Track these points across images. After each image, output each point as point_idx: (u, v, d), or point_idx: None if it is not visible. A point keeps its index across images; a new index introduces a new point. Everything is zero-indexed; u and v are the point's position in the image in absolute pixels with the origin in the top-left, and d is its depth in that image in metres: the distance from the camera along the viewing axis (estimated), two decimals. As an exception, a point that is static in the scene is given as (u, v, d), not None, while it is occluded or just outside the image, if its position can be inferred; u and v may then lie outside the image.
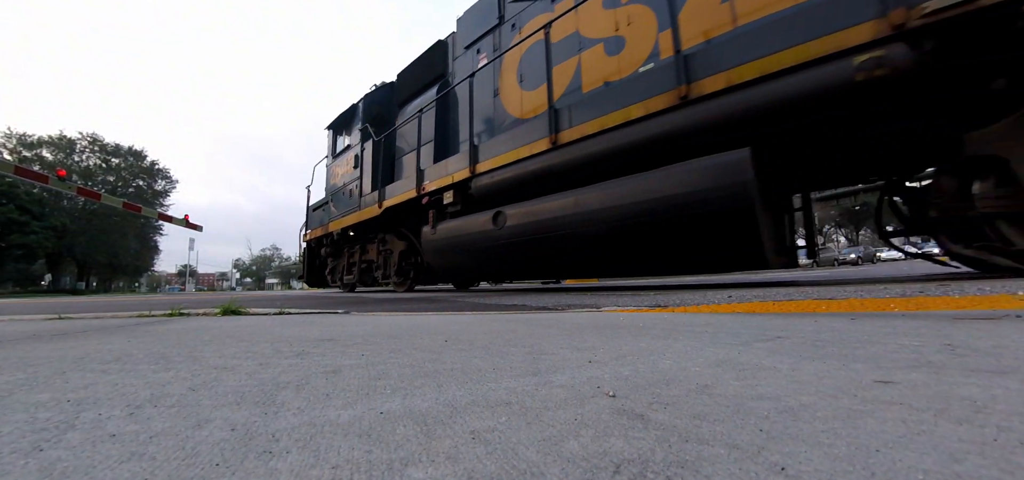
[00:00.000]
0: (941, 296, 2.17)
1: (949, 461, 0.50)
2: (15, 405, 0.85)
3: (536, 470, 0.52)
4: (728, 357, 1.11)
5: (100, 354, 1.42)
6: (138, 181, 46.21)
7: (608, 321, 1.99)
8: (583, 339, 1.48)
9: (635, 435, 0.62)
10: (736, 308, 2.38)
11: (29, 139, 39.31)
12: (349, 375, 1.05)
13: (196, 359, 1.30)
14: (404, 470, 0.53)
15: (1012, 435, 0.56)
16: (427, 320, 2.36)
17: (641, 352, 1.23)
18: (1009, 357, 0.97)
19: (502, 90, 5.42)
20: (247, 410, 0.78)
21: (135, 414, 0.77)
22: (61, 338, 1.87)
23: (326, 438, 0.64)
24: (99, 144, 43.26)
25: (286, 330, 2.00)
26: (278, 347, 1.50)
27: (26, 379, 1.07)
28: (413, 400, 0.83)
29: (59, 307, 5.42)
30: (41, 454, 0.60)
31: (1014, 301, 1.91)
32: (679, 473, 0.50)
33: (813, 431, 0.61)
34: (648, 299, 3.21)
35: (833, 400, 0.73)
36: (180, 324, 2.45)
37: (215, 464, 0.56)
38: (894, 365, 0.95)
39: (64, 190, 12.48)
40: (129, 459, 0.58)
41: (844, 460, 0.51)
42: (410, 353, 1.33)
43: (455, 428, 0.67)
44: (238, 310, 3.19)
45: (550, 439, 0.61)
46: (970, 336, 1.23)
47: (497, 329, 1.83)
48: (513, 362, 1.15)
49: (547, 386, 0.90)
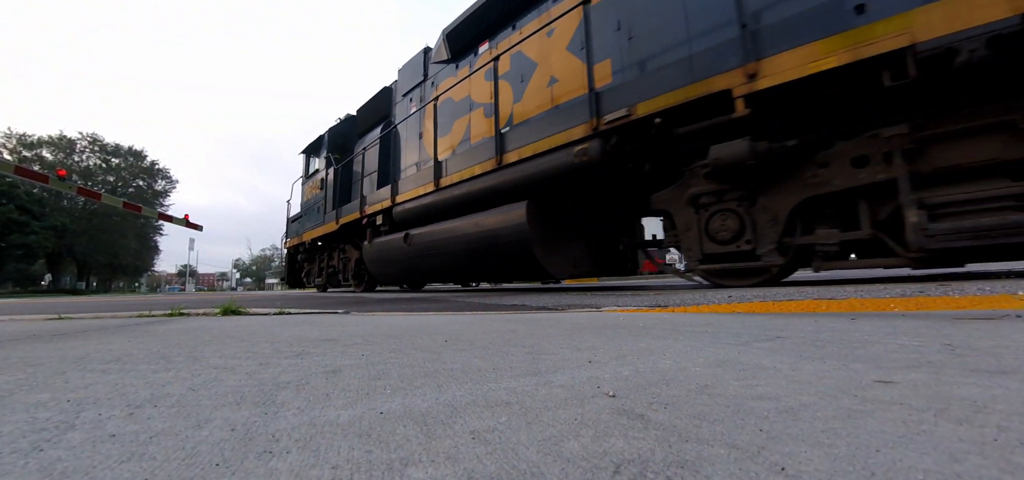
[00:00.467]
0: (941, 296, 2.17)
1: (949, 461, 0.50)
2: (15, 405, 0.85)
3: (536, 470, 0.52)
4: (728, 357, 1.11)
5: (100, 354, 1.42)
6: (138, 181, 46.21)
7: (608, 321, 1.99)
8: (583, 339, 1.49)
9: (635, 435, 0.62)
10: (736, 308, 2.38)
11: (29, 139, 39.30)
12: (349, 375, 1.05)
13: (196, 359, 1.30)
14: (404, 470, 0.53)
15: (1012, 435, 0.56)
16: (427, 320, 2.36)
17: (641, 352, 1.23)
18: (1009, 357, 0.97)
19: (424, 135, 6.92)
20: (247, 410, 0.78)
21: (135, 414, 0.77)
22: (61, 338, 1.87)
23: (326, 438, 0.64)
24: (99, 144, 43.25)
25: (286, 330, 2.00)
26: (278, 347, 1.50)
27: (26, 379, 1.07)
28: (413, 400, 0.83)
29: (59, 307, 5.42)
30: (41, 454, 0.60)
31: (1014, 301, 1.91)
32: (679, 473, 0.50)
33: (813, 431, 0.61)
34: (648, 299, 3.22)
35: (833, 400, 0.73)
36: (180, 324, 2.45)
37: (215, 464, 0.56)
38: (894, 365, 0.95)
39: (64, 190, 12.49)
40: (129, 459, 0.58)
41: (844, 460, 0.51)
42: (410, 353, 1.33)
43: (455, 428, 0.67)
44: (238, 310, 3.19)
45: (550, 439, 0.61)
46: (970, 336, 1.23)
47: (497, 329, 1.84)
48: (513, 362, 1.15)
49: (547, 386, 0.90)
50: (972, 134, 2.87)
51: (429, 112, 6.68)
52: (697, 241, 3.95)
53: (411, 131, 7.34)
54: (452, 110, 6.35)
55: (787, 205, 3.50)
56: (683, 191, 4.06)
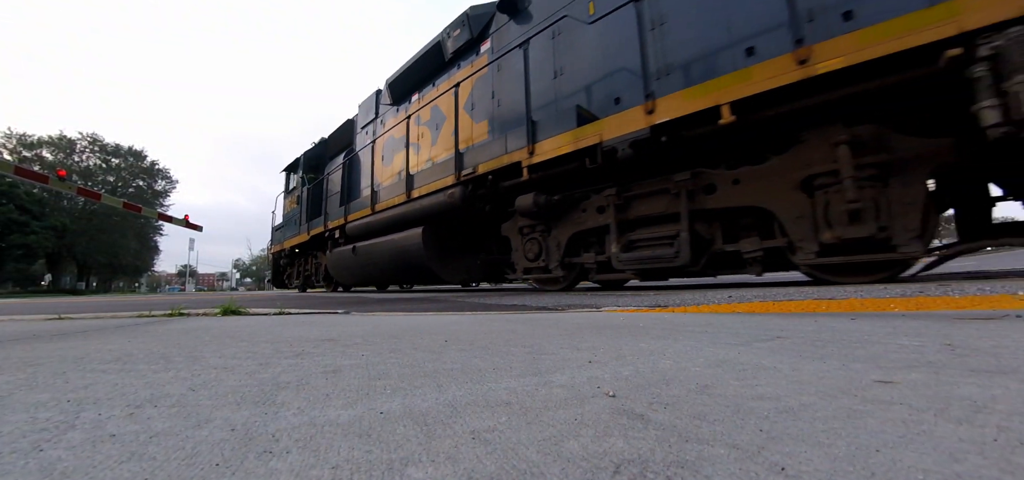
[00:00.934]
0: (941, 296, 2.17)
1: (949, 461, 0.50)
2: (15, 405, 0.85)
3: (536, 470, 0.52)
4: (728, 357, 1.11)
5: (100, 354, 1.42)
6: (138, 181, 46.18)
7: (608, 321, 1.99)
8: (583, 339, 1.48)
9: (635, 435, 0.62)
10: (736, 308, 2.38)
11: (29, 139, 39.28)
12: (349, 375, 1.05)
13: (196, 359, 1.30)
14: (404, 470, 0.53)
15: (1012, 435, 0.56)
16: (427, 320, 2.36)
17: (641, 352, 1.23)
18: (1009, 357, 0.97)
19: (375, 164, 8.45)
20: (247, 410, 0.78)
21: (135, 414, 0.77)
22: (61, 338, 1.87)
23: (326, 438, 0.64)
24: (99, 144, 43.23)
25: (286, 330, 2.00)
26: (278, 347, 1.50)
27: (26, 379, 1.07)
28: (413, 400, 0.83)
29: (59, 307, 5.42)
30: (41, 454, 0.60)
31: (1014, 301, 1.91)
32: (679, 473, 0.50)
33: (813, 431, 0.61)
34: (648, 299, 3.22)
35: (833, 400, 0.73)
36: (180, 324, 2.45)
37: (215, 464, 0.56)
38: (894, 365, 0.95)
39: (64, 190, 12.57)
40: (129, 459, 0.58)
41: (844, 460, 0.51)
42: (410, 353, 1.33)
43: (455, 428, 0.67)
44: (238, 310, 3.19)
45: (550, 439, 0.61)
46: (970, 336, 1.23)
47: (497, 329, 1.83)
48: (513, 362, 1.15)
49: (547, 386, 0.90)
50: (650, 195, 4.32)
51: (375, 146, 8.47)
52: (521, 258, 5.62)
53: (364, 160, 9.09)
54: (393, 146, 7.95)
55: (566, 236, 5.07)
56: (514, 224, 5.70)
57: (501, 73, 5.67)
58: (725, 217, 3.97)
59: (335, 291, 11.22)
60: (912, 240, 2.97)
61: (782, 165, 3.52)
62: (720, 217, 3.98)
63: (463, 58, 6.61)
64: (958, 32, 2.53)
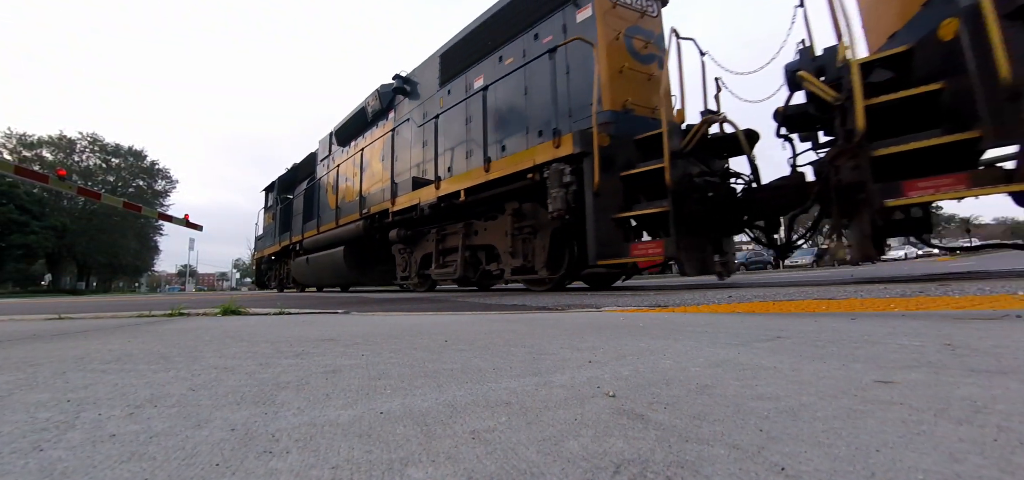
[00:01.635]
0: (941, 296, 2.17)
1: (949, 461, 0.50)
2: (15, 405, 0.85)
3: (536, 470, 0.52)
4: (728, 357, 1.11)
5: (100, 354, 1.42)
6: (138, 181, 46.16)
7: (608, 321, 1.99)
8: (583, 339, 1.49)
9: (635, 435, 0.62)
10: (736, 308, 2.38)
11: (29, 139, 39.26)
12: (349, 375, 1.05)
13: (196, 359, 1.30)
14: (404, 470, 0.53)
15: (1012, 435, 0.56)
16: (427, 320, 2.36)
17: (641, 352, 1.23)
18: (1009, 357, 0.97)
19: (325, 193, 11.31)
20: (247, 410, 0.78)
21: (135, 414, 0.77)
22: (61, 338, 1.87)
23: (326, 438, 0.64)
24: (99, 144, 43.20)
25: (286, 330, 2.00)
26: (278, 347, 1.50)
27: (26, 379, 1.07)
28: (413, 400, 0.83)
29: (59, 307, 5.42)
30: (41, 454, 0.60)
31: (1014, 301, 1.91)
32: (679, 473, 0.50)
33: (813, 431, 0.61)
34: (648, 299, 3.21)
35: (833, 400, 0.73)
36: (180, 324, 2.45)
37: (215, 464, 0.56)
38: (894, 365, 0.95)
39: (64, 190, 12.75)
40: (129, 459, 0.58)
41: (844, 460, 0.51)
42: (410, 353, 1.33)
43: (455, 428, 0.67)
44: (238, 310, 3.19)
45: (550, 439, 0.61)
46: (970, 336, 1.23)
47: (497, 329, 1.84)
48: (513, 362, 1.15)
49: (547, 386, 0.90)
50: (452, 234, 7.14)
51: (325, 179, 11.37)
52: (400, 269, 8.67)
53: (317, 189, 12.05)
54: (334, 180, 10.58)
55: (419, 255, 8.06)
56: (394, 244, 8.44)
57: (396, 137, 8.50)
58: (485, 249, 6.73)
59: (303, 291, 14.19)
60: (542, 267, 5.60)
61: (499, 222, 6.30)
62: (483, 249, 6.76)
63: (377, 122, 9.54)
64: (533, 164, 5.26)
